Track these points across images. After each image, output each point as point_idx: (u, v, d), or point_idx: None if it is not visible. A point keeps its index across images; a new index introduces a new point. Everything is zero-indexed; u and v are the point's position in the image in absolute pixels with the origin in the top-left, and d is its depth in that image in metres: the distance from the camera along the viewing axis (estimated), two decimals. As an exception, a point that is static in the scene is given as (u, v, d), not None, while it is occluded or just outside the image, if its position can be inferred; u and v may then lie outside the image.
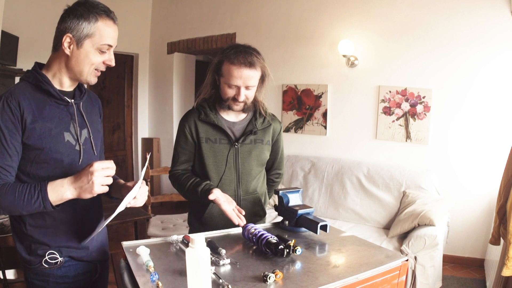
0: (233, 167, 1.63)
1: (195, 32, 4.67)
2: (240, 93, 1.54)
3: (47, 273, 1.23)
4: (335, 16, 3.76)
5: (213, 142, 1.62)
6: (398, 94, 3.49)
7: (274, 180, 1.89)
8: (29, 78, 1.19)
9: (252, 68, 1.52)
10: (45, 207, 1.08)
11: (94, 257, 1.34)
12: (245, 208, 1.66)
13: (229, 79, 1.53)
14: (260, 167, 1.72)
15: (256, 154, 1.67)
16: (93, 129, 1.32)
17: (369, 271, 1.11)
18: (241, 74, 1.51)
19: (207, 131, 1.62)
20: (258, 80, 1.58)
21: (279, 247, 1.17)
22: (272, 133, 1.73)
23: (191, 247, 0.92)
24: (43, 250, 1.22)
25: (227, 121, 1.65)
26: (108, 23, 1.17)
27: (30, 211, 1.10)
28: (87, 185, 1.07)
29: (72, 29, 1.14)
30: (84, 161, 1.27)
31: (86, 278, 1.32)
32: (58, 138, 1.19)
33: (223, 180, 1.63)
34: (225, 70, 1.54)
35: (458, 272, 3.22)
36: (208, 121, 1.61)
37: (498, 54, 3.10)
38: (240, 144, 1.63)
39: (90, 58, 1.18)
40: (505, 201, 2.14)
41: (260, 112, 1.68)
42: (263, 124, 1.68)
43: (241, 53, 1.52)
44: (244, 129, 1.66)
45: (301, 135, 4.03)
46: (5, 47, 3.27)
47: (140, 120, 5.25)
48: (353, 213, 3.40)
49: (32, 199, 1.08)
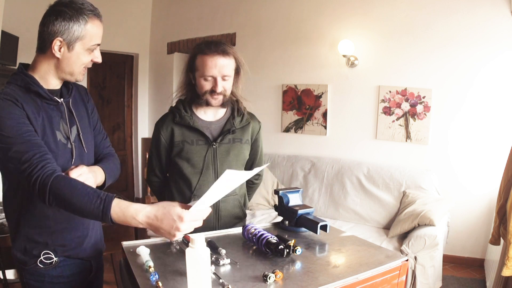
0: (211, 168, 1.60)
1: (195, 32, 4.66)
2: (217, 84, 1.52)
3: (42, 273, 1.23)
4: (335, 16, 3.76)
5: (190, 144, 1.58)
6: (398, 94, 3.49)
7: (254, 181, 1.85)
8: (17, 81, 1.16)
9: (226, 56, 1.51)
10: (103, 218, 1.01)
11: (88, 254, 1.33)
12: (224, 210, 1.64)
13: (204, 70, 1.51)
14: (239, 167, 1.68)
15: (235, 154, 1.63)
16: (82, 125, 1.31)
17: (369, 271, 1.11)
18: (216, 62, 1.49)
19: (183, 133, 1.59)
20: (233, 70, 1.56)
21: (279, 247, 1.16)
22: (251, 132, 1.69)
23: (191, 247, 0.92)
24: (38, 250, 1.21)
25: (204, 121, 1.62)
26: (96, 23, 1.17)
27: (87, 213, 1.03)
28: (167, 230, 0.99)
29: (62, 32, 1.12)
30: (76, 159, 1.26)
31: (82, 277, 1.32)
32: (51, 138, 1.19)
33: (201, 182, 1.59)
34: (199, 63, 1.52)
35: (458, 272, 3.22)
36: (184, 123, 1.58)
37: (498, 54, 3.10)
38: (218, 144, 1.60)
39: (81, 59, 1.17)
40: (505, 201, 2.14)
41: (239, 110, 1.65)
42: (242, 123, 1.65)
43: (212, 43, 1.53)
44: (222, 128, 1.62)
45: (301, 135, 4.03)
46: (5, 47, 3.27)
47: (140, 120, 5.25)
48: (353, 213, 3.40)
49: (92, 204, 1.01)
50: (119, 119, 5.16)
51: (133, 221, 1.01)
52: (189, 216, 0.99)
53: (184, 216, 0.98)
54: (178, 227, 0.98)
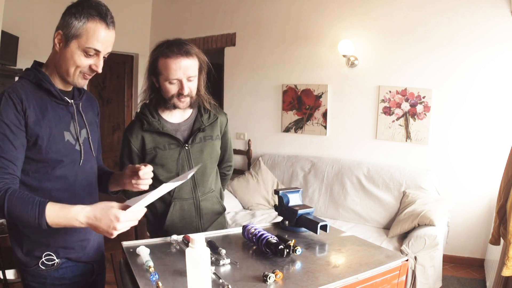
0: (187, 169, 1.58)
1: (195, 32, 4.66)
2: (183, 87, 1.47)
3: (44, 275, 1.22)
4: (335, 16, 3.76)
5: (162, 150, 1.56)
6: (398, 94, 3.49)
7: (226, 173, 1.86)
8: (30, 76, 1.17)
9: (190, 57, 1.47)
10: (40, 224, 1.04)
11: (91, 257, 1.33)
12: (205, 209, 1.65)
13: (168, 74, 1.46)
14: (213, 164, 1.68)
15: (208, 152, 1.62)
16: (91, 130, 1.32)
17: (369, 271, 1.11)
18: (180, 65, 1.45)
19: (154, 139, 1.56)
20: (197, 69, 1.52)
21: (279, 247, 1.16)
22: (219, 126, 1.68)
23: (191, 247, 0.92)
24: (40, 251, 1.21)
25: (172, 124, 1.59)
26: (99, 26, 1.12)
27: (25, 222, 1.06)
28: (105, 229, 1.03)
29: (63, 26, 1.12)
30: (84, 161, 1.26)
31: (84, 279, 1.31)
32: (58, 138, 1.18)
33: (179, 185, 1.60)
34: (162, 67, 1.47)
35: (458, 272, 3.22)
36: (153, 129, 1.55)
37: (498, 54, 3.10)
38: (190, 145, 1.58)
39: (74, 59, 1.14)
40: (505, 201, 2.14)
41: (205, 107, 1.63)
42: (210, 120, 1.63)
43: (174, 45, 1.47)
44: (191, 128, 1.61)
45: (301, 135, 4.03)
46: (5, 47, 3.27)
47: (140, 120, 5.25)
48: (353, 213, 3.40)
49: (28, 210, 1.03)
50: (119, 119, 5.16)
51: (76, 222, 1.04)
52: (125, 217, 1.03)
53: (121, 217, 1.03)
54: (115, 227, 1.02)
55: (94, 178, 1.35)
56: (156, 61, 1.49)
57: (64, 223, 1.05)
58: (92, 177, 1.34)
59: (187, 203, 1.61)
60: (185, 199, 1.61)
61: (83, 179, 1.27)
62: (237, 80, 4.34)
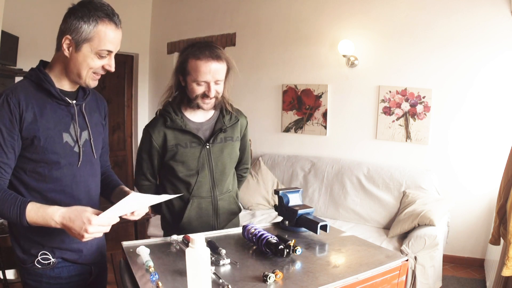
0: (207, 169, 1.61)
1: (195, 32, 4.66)
2: (210, 89, 1.51)
3: (40, 274, 1.23)
4: (335, 16, 3.76)
5: (183, 147, 1.58)
6: (398, 94, 3.49)
7: (243, 175, 1.88)
8: (32, 76, 1.18)
9: (220, 61, 1.51)
10: (21, 223, 1.08)
11: (89, 260, 1.32)
12: (222, 208, 1.67)
13: (197, 76, 1.49)
14: (232, 164, 1.71)
15: (228, 152, 1.65)
16: (94, 131, 1.31)
17: (369, 271, 1.11)
18: (210, 68, 1.48)
19: (176, 137, 1.58)
20: (225, 73, 1.56)
21: (279, 247, 1.16)
22: (240, 128, 1.71)
23: (191, 247, 0.92)
24: (36, 249, 1.21)
25: (195, 123, 1.62)
26: (109, 27, 1.13)
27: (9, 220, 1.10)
28: (77, 231, 1.06)
29: (71, 31, 1.11)
30: (83, 163, 1.26)
31: (81, 280, 1.31)
32: (56, 139, 1.18)
33: (198, 182, 1.60)
34: (192, 68, 1.50)
35: (458, 272, 3.22)
36: (175, 126, 1.57)
37: (498, 54, 3.10)
38: (211, 144, 1.61)
39: (88, 62, 1.14)
40: (505, 201, 2.14)
41: (227, 109, 1.66)
42: (231, 121, 1.66)
43: (206, 48, 1.51)
44: (213, 128, 1.63)
45: (301, 135, 4.03)
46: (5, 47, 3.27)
47: (140, 120, 5.25)
48: (353, 213, 3.40)
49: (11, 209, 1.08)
50: (119, 119, 5.16)
51: (52, 222, 1.08)
52: (97, 221, 1.06)
53: (92, 220, 1.05)
54: (86, 229, 1.05)
55: (94, 180, 1.34)
56: (185, 61, 1.52)
57: (42, 222, 1.08)
58: (92, 180, 1.32)
59: (205, 202, 1.63)
60: (203, 198, 1.63)
61: (81, 182, 1.27)
62: (237, 80, 4.32)
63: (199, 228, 1.60)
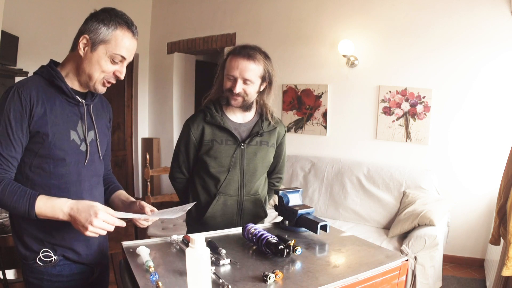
0: (238, 168, 1.64)
1: (195, 32, 4.67)
2: (235, 85, 1.54)
3: (41, 271, 1.23)
4: (335, 16, 3.76)
5: (219, 144, 1.62)
6: (398, 94, 3.49)
7: (275, 184, 1.90)
8: (43, 72, 1.19)
9: (250, 60, 1.54)
10: (29, 215, 1.10)
11: (91, 260, 1.33)
12: (247, 209, 1.69)
13: (228, 69, 1.56)
14: (264, 169, 1.73)
15: (261, 156, 1.68)
16: (100, 132, 1.32)
17: (369, 271, 1.11)
18: (238, 64, 1.53)
19: (213, 132, 1.63)
20: (257, 76, 1.57)
21: (279, 247, 1.16)
22: (277, 136, 1.74)
23: (191, 247, 0.92)
24: (38, 246, 1.22)
25: (234, 123, 1.66)
26: (126, 34, 1.18)
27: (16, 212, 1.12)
28: (82, 222, 1.07)
29: (90, 31, 1.15)
30: (89, 162, 1.27)
31: (82, 278, 1.31)
32: (63, 135, 1.19)
33: (227, 180, 1.63)
34: (227, 63, 1.58)
35: (458, 272, 3.22)
36: (214, 122, 1.62)
37: (498, 54, 3.10)
38: (246, 145, 1.64)
39: (101, 64, 1.17)
40: (505, 201, 2.14)
41: (266, 116, 1.70)
42: (269, 127, 1.70)
43: (245, 47, 1.57)
44: (251, 130, 1.67)
45: (301, 135, 4.03)
46: (5, 47, 3.27)
47: (140, 120, 5.25)
48: (353, 213, 3.40)
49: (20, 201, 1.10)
50: (119, 119, 5.16)
51: (60, 213, 1.10)
52: (103, 215, 1.08)
53: (99, 213, 1.07)
54: (91, 221, 1.06)
55: (97, 180, 1.35)
56: (226, 58, 1.60)
57: (50, 214, 1.10)
58: (96, 180, 1.34)
59: (231, 199, 1.65)
60: (230, 195, 1.65)
61: (85, 180, 1.28)
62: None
63: (222, 225, 1.61)
